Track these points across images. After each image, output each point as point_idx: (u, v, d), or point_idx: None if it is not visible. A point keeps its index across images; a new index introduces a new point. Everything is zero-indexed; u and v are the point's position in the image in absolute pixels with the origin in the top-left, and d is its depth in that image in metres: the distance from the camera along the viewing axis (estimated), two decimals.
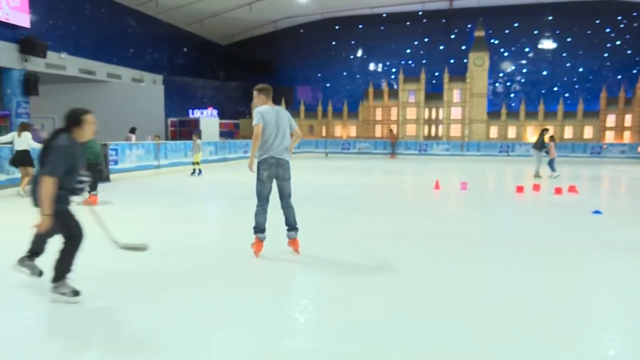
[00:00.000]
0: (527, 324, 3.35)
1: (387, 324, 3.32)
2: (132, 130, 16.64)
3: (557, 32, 26.78)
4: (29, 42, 15.98)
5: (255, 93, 5.33)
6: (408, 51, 29.11)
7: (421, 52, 28.83)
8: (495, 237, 6.38)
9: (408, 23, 28.67)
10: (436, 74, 27.93)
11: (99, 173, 8.94)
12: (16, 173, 9.86)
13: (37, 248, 4.00)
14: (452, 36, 28.45)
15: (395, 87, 28.58)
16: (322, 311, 3.69)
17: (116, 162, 13.47)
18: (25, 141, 9.47)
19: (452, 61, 27.98)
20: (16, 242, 5.85)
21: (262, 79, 29.88)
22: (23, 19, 16.06)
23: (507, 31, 27.51)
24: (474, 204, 9.69)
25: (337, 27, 29.79)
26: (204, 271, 4.69)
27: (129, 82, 21.71)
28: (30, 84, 16.54)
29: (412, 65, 28.71)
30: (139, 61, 22.72)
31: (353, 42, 29.85)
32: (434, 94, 27.41)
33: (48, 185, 3.39)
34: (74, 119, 3.69)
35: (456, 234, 6.49)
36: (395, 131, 27.47)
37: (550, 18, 26.72)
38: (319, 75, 30.77)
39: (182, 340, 3.02)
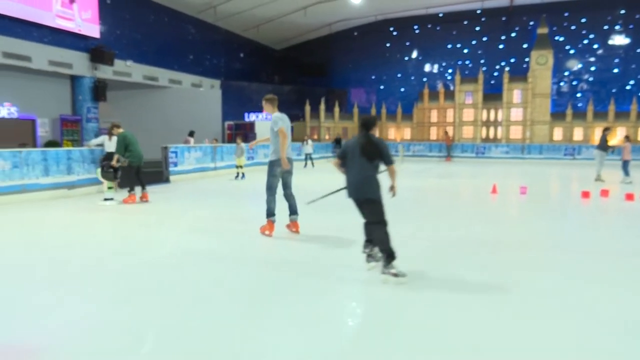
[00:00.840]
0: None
1: (444, 331, 3.20)
2: (191, 134, 17.27)
3: (631, 26, 25.02)
4: (98, 52, 17.04)
5: (264, 102, 6.23)
6: (465, 51, 28.29)
7: (479, 52, 27.93)
8: (558, 245, 6.00)
9: (465, 22, 27.88)
10: (495, 74, 26.95)
11: (139, 174, 9.52)
12: (86, 174, 10.49)
13: (371, 236, 4.69)
14: (513, 34, 27.34)
15: (451, 88, 27.86)
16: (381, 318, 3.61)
17: (175, 164, 14.01)
18: (114, 144, 10.14)
19: (512, 60, 26.91)
20: (109, 235, 6.22)
21: (315, 82, 30.38)
22: (93, 30, 17.15)
23: (573, 27, 26.06)
24: (534, 209, 9.20)
25: (391, 29, 29.49)
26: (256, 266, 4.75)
27: (189, 87, 22.58)
28: (99, 91, 17.62)
29: (470, 65, 27.87)
30: (198, 67, 23.59)
31: (408, 44, 29.43)
32: (492, 94, 26.43)
33: (395, 171, 4.62)
34: (374, 123, 4.66)
35: (514, 240, 6.18)
36: (450, 133, 26.75)
37: (622, 12, 25.01)
38: (373, 77, 30.58)
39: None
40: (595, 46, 25.84)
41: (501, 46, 27.55)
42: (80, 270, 4.74)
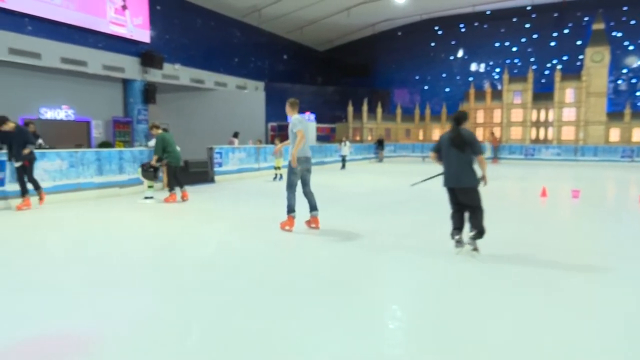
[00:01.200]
0: None
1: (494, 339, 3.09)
2: (235, 135, 17.61)
3: None
4: (148, 56, 17.71)
5: (287, 105, 6.71)
6: (514, 49, 27.36)
7: (529, 50, 26.94)
8: (612, 252, 5.67)
9: (514, 19, 26.98)
10: (546, 72, 25.92)
11: (177, 174, 9.82)
12: (136, 174, 10.92)
13: (459, 224, 5.36)
14: (566, 31, 26.18)
15: (499, 87, 27.02)
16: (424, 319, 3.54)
17: (220, 165, 14.34)
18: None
19: (564, 58, 25.78)
20: (158, 233, 6.47)
21: (358, 83, 30.30)
22: (144, 35, 17.84)
23: (632, 22, 24.65)
24: (588, 214, 8.75)
25: (436, 28, 28.96)
26: (292, 267, 4.76)
27: (234, 89, 23.06)
28: (149, 93, 18.30)
29: (519, 64, 26.94)
30: (243, 69, 24.05)
31: (453, 43, 28.81)
32: (542, 94, 25.40)
33: (484, 161, 5.23)
34: (465, 118, 5.26)
35: (564, 245, 5.89)
36: (497, 134, 25.93)
37: None
38: (417, 77, 30.13)
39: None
40: None
41: (553, 43, 26.44)
42: (130, 266, 4.92)
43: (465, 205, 5.25)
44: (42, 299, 3.86)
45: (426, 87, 29.96)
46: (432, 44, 29.27)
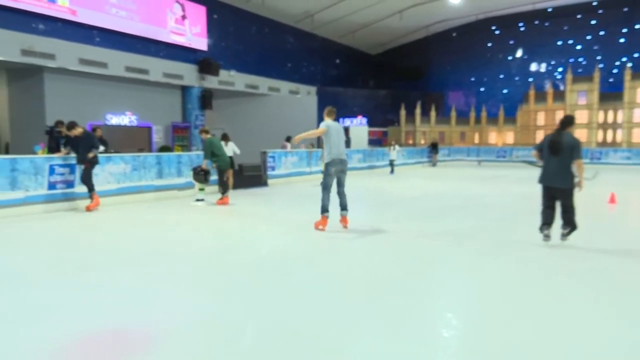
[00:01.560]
0: None
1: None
2: (288, 139, 17.82)
3: None
4: (206, 63, 18.33)
5: (324, 112, 7.19)
6: (578, 47, 25.97)
7: (595, 48, 25.46)
8: None
9: (579, 16, 25.61)
10: (614, 71, 24.38)
11: (226, 179, 10.19)
12: (188, 178, 11.30)
13: (549, 220, 5.81)
14: (637, 26, 24.51)
15: (561, 88, 25.71)
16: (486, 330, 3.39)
17: (273, 169, 14.55)
18: (231, 149, 11.92)
19: (635, 55, 24.14)
20: (215, 235, 6.67)
21: (411, 86, 29.79)
22: (202, 43, 18.50)
23: None
24: None
25: (493, 28, 28.02)
26: (347, 272, 4.71)
27: (287, 94, 23.39)
28: (206, 99, 18.93)
29: (583, 62, 25.52)
30: (295, 74, 24.35)
31: (512, 42, 27.77)
32: (610, 94, 23.90)
33: (582, 166, 5.60)
34: (569, 122, 5.74)
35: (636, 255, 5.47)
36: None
37: None
38: (472, 79, 29.28)
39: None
40: None
41: (622, 40, 24.84)
42: (189, 266, 5.07)
43: (561, 203, 5.70)
44: (103, 296, 4.04)
45: (482, 89, 29.04)
46: (489, 44, 28.35)
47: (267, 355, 2.91)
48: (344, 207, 6.94)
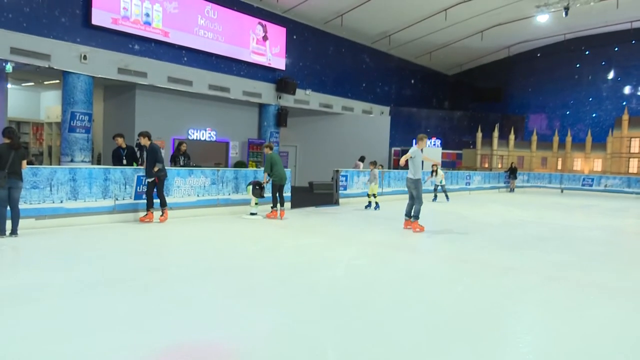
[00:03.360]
0: None
1: None
2: (361, 159, 17.72)
3: None
4: (283, 82, 18.81)
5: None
6: None
7: None
8: None
9: None
10: None
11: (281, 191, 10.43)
12: (267, 192, 11.52)
13: None
14: None
15: None
16: None
17: (345, 188, 14.48)
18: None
19: None
20: (291, 250, 6.71)
21: (489, 108, 28.71)
22: (280, 63, 19.03)
23: None
24: None
25: (582, 48, 26.35)
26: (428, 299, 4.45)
27: (360, 113, 23.38)
28: (282, 117, 19.37)
29: None
30: (370, 94, 24.31)
31: (603, 63, 25.92)
32: None
33: None
34: None
35: None
36: None
37: None
38: (557, 101, 27.63)
39: None
40: None
41: None
42: (268, 281, 5.07)
43: None
44: (178, 310, 4.10)
45: (568, 112, 27.30)
46: (577, 65, 26.66)
47: None
48: (415, 214, 8.91)
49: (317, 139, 22.00)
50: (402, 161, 9.16)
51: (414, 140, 25.74)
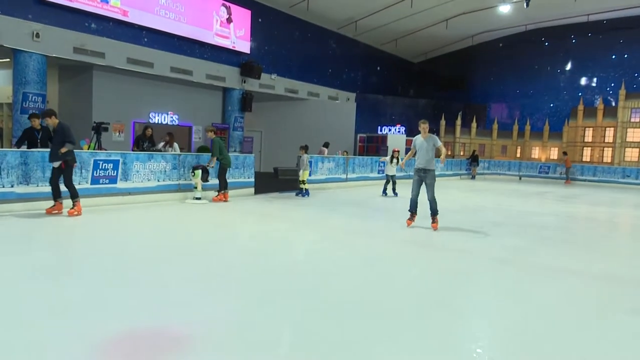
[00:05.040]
0: None
1: None
2: (326, 145, 17.76)
3: None
4: (248, 66, 18.52)
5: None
6: (634, 62, 24.72)
7: None
8: None
9: (637, 29, 24.37)
10: None
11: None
12: (231, 178, 11.40)
13: None
14: None
15: (613, 104, 24.56)
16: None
17: (310, 174, 14.47)
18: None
19: None
20: (250, 237, 6.65)
21: (453, 96, 29.19)
22: (245, 46, 18.72)
23: None
24: None
25: (542, 39, 27.09)
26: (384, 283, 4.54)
27: (326, 99, 23.35)
28: (246, 102, 19.11)
29: (639, 78, 24.27)
30: (336, 80, 24.28)
31: (562, 54, 26.74)
32: None
33: None
34: None
35: None
36: (570, 155, 24.08)
37: None
38: (517, 91, 28.39)
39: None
40: None
41: None
42: (223, 267, 5.04)
43: None
44: (132, 296, 4.03)
45: (527, 102, 28.11)
46: (537, 56, 27.41)
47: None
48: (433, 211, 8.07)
49: (283, 125, 21.87)
50: (401, 164, 9.04)
51: (378, 127, 26.11)
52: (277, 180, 16.44)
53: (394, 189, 13.88)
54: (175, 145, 12.23)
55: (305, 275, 4.87)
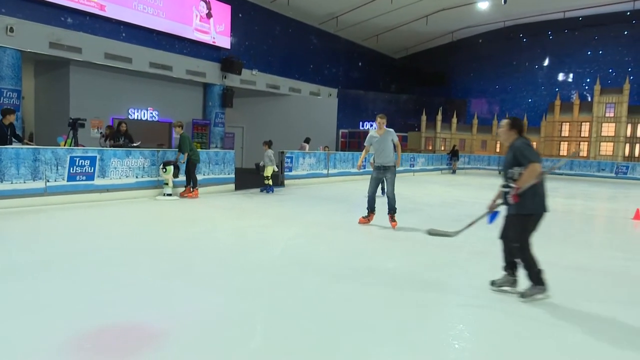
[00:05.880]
0: None
1: None
2: (307, 140, 17.79)
3: None
4: (228, 62, 18.42)
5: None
6: (608, 58, 25.30)
7: (626, 59, 24.78)
8: None
9: (611, 26, 24.94)
10: None
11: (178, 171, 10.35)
12: (211, 174, 11.35)
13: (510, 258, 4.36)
14: None
15: (589, 99, 25.11)
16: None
17: (290, 169, 14.52)
18: None
19: None
20: (230, 233, 6.66)
21: (434, 91, 29.47)
22: (225, 42, 18.60)
23: None
24: None
25: (520, 35, 27.52)
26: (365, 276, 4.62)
27: (307, 95, 23.36)
28: (227, 98, 19.03)
29: (613, 74, 24.87)
30: (317, 76, 24.31)
31: (539, 51, 27.22)
32: None
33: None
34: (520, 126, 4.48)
35: None
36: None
37: None
38: (497, 87, 28.82)
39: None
40: None
41: None
42: (203, 263, 5.05)
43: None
44: (109, 292, 4.03)
45: (506, 97, 28.55)
46: (516, 52, 27.85)
47: (277, 355, 2.86)
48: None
49: (264, 120, 21.82)
50: (357, 166, 8.46)
51: (360, 122, 26.22)
52: (259, 176, 16.41)
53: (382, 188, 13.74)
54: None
55: (284, 271, 4.92)
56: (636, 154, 23.48)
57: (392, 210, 7.49)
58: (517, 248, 4.15)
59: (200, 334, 3.20)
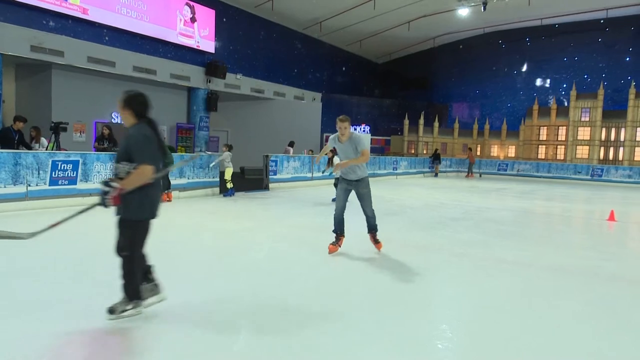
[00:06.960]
0: None
1: None
2: (291, 144, 17.91)
3: None
4: (213, 66, 18.45)
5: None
6: (584, 64, 26.04)
7: (600, 65, 25.53)
8: None
9: (586, 33, 25.69)
10: (619, 89, 24.44)
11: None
12: (196, 178, 11.40)
13: None
14: None
15: (565, 104, 25.78)
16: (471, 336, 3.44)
17: (275, 173, 14.62)
18: None
19: None
20: (215, 237, 6.72)
21: (416, 96, 29.84)
22: (210, 46, 18.64)
23: None
24: None
25: (500, 41, 28.13)
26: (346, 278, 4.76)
27: (292, 99, 23.49)
28: (212, 102, 19.04)
29: (588, 79, 25.59)
30: (301, 80, 24.47)
31: (518, 57, 27.85)
32: (614, 111, 24.00)
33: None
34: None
35: (635, 275, 5.50)
36: (475, 151, 26.19)
37: None
38: (477, 91, 29.37)
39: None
40: None
41: (628, 58, 24.93)
42: (184, 266, 5.12)
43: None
44: (83, 296, 4.09)
45: (486, 102, 29.12)
46: (495, 58, 28.45)
47: (260, 357, 2.96)
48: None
49: (249, 124, 21.87)
50: (316, 160, 7.98)
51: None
52: (244, 180, 16.47)
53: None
54: (43, 140, 10.98)
55: (268, 273, 5.02)
56: (610, 157, 24.18)
57: (372, 229, 6.05)
58: (126, 257, 3.48)
59: (183, 336, 3.25)
